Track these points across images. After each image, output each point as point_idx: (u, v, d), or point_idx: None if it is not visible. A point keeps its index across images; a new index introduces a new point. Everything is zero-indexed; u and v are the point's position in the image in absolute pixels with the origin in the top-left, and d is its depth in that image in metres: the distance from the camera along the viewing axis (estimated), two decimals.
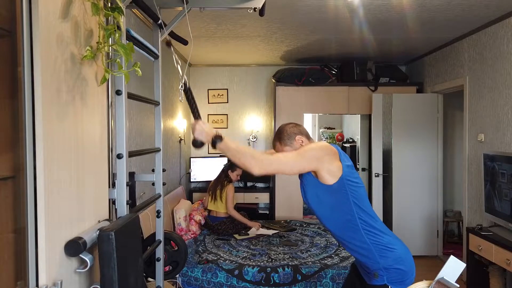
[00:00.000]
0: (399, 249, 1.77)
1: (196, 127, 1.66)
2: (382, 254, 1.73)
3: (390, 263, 1.73)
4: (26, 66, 0.98)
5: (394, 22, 3.61)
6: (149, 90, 2.31)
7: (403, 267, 1.75)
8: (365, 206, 1.76)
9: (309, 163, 1.71)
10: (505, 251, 2.89)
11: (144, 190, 3.26)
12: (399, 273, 1.74)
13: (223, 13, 3.40)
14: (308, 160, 1.71)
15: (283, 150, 1.88)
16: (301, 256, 3.49)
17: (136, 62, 1.35)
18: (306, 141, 1.88)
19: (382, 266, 1.72)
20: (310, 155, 1.72)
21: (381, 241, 1.74)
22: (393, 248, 1.75)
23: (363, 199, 1.77)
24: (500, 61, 3.49)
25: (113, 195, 1.45)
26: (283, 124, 1.96)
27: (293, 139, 1.87)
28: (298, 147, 1.85)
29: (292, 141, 1.87)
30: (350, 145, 6.53)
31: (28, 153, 0.99)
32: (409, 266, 1.78)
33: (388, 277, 1.73)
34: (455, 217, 5.22)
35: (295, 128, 1.91)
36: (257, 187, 5.68)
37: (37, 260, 1.01)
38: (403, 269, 1.75)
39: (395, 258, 1.73)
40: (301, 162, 1.70)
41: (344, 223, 1.78)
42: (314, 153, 1.72)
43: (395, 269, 1.72)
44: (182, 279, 3.19)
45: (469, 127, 4.05)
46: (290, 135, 1.88)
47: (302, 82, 5.10)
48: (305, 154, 1.72)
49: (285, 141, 1.88)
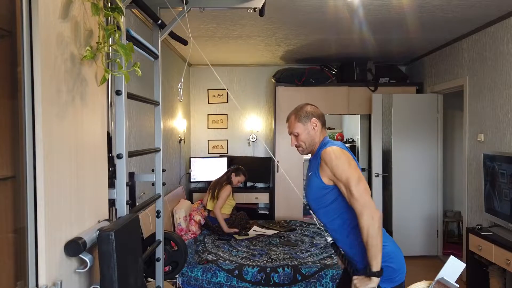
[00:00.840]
0: (389, 246, 1.79)
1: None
2: None
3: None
4: (26, 66, 0.98)
5: (394, 22, 3.61)
6: (149, 90, 2.32)
7: (392, 265, 1.77)
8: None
9: (357, 170, 1.78)
10: (505, 251, 2.89)
11: (144, 190, 3.26)
12: (389, 270, 1.76)
13: (223, 13, 3.39)
14: (358, 171, 1.77)
15: (295, 126, 1.94)
16: (301, 256, 3.49)
17: (136, 62, 1.35)
18: (320, 127, 1.94)
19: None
20: (354, 165, 1.78)
21: None
22: (383, 245, 1.76)
23: None
24: (500, 61, 3.49)
25: (113, 195, 1.45)
26: (305, 103, 2.02)
27: (309, 120, 1.93)
28: (310, 129, 1.92)
29: (308, 120, 1.92)
30: (350, 145, 6.53)
31: (28, 153, 0.99)
32: (399, 264, 1.80)
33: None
34: (455, 217, 5.22)
35: (315, 111, 1.96)
36: (257, 187, 5.68)
37: (37, 260, 1.01)
38: (393, 267, 1.77)
39: (385, 255, 1.73)
40: (361, 177, 1.75)
41: (335, 219, 1.84)
42: (354, 163, 1.79)
43: (384, 266, 1.73)
44: (182, 279, 3.19)
45: (469, 127, 4.05)
46: (308, 114, 1.93)
47: (302, 82, 5.10)
48: (354, 167, 1.77)
49: (301, 118, 1.93)
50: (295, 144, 1.97)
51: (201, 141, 5.90)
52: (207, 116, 5.85)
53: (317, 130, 1.93)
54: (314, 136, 1.93)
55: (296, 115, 1.95)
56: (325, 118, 2.00)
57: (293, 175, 5.12)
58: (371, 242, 1.64)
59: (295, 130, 1.94)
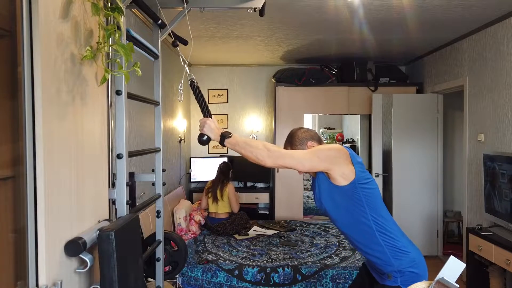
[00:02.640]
0: (413, 252, 1.76)
1: (207, 123, 1.71)
2: (397, 257, 1.72)
3: (404, 266, 1.73)
4: (26, 66, 0.98)
5: (394, 22, 3.61)
6: (149, 90, 2.31)
7: (417, 270, 1.74)
8: (379, 208, 1.75)
9: (320, 162, 1.69)
10: (505, 251, 2.89)
11: (144, 190, 3.26)
12: (413, 276, 1.73)
13: (223, 13, 3.39)
14: (321, 159, 1.68)
15: None
16: (301, 256, 3.49)
17: (136, 62, 1.35)
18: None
19: (396, 269, 1.72)
20: (323, 154, 1.70)
21: (395, 244, 1.73)
22: (408, 251, 1.75)
23: (377, 201, 1.75)
24: (500, 61, 3.49)
25: (113, 195, 1.44)
26: (294, 129, 1.94)
27: (305, 145, 1.86)
28: None
29: (304, 146, 1.85)
30: (350, 145, 6.53)
31: (28, 153, 0.99)
32: (422, 269, 1.77)
33: (402, 279, 1.72)
34: (455, 217, 5.22)
35: (307, 133, 1.89)
36: (257, 187, 5.68)
37: (37, 260, 1.01)
38: (417, 272, 1.74)
39: (409, 261, 1.72)
40: (313, 160, 1.68)
41: (358, 225, 1.76)
42: (328, 153, 1.71)
43: (409, 272, 1.72)
44: (182, 279, 3.19)
45: (469, 127, 4.05)
46: (301, 140, 1.87)
47: (302, 82, 5.10)
48: (319, 153, 1.70)
49: (296, 146, 1.87)
50: (303, 172, 1.88)
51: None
52: None
53: None
54: None
55: (292, 145, 1.88)
56: (318, 135, 1.93)
57: (293, 174, 5.12)
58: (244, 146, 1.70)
59: None
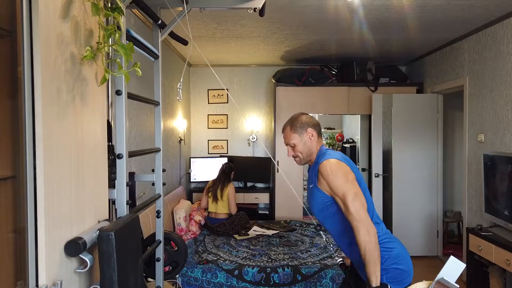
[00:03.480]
0: (397, 248, 1.79)
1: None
2: (381, 256, 1.74)
3: (388, 263, 1.76)
4: (26, 66, 0.98)
5: (394, 22, 3.61)
6: (149, 90, 2.32)
7: (401, 266, 1.77)
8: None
9: (355, 185, 1.76)
10: (505, 251, 2.89)
11: (144, 190, 3.26)
12: (398, 272, 1.76)
13: (223, 13, 3.40)
14: (354, 183, 1.76)
15: (291, 137, 1.91)
16: (301, 257, 3.49)
17: (136, 62, 1.35)
18: (316, 137, 1.91)
19: (381, 267, 1.73)
20: (351, 178, 1.76)
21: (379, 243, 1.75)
22: (392, 248, 1.78)
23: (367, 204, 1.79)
24: (500, 61, 3.49)
25: (113, 195, 1.45)
26: (299, 112, 1.98)
27: (305, 130, 1.90)
28: (307, 139, 1.89)
29: (303, 131, 1.90)
30: (350, 145, 6.53)
31: (28, 153, 0.99)
32: (407, 265, 1.80)
33: (387, 276, 1.75)
34: (455, 217, 5.22)
35: (310, 120, 1.93)
36: (257, 187, 5.68)
37: (37, 260, 1.01)
38: (402, 268, 1.77)
39: (393, 257, 1.75)
40: (356, 189, 1.74)
41: (344, 227, 1.81)
42: (351, 176, 1.77)
43: (394, 268, 1.74)
44: (182, 279, 3.19)
45: (469, 128, 4.05)
46: (303, 125, 1.91)
47: (302, 82, 5.10)
48: (352, 181, 1.75)
49: (296, 128, 1.91)
50: (292, 155, 1.95)
51: (201, 141, 5.90)
52: (207, 116, 5.85)
53: (313, 140, 1.90)
54: (311, 146, 1.90)
55: (292, 126, 1.92)
56: (320, 127, 1.97)
57: (293, 175, 5.12)
58: (369, 258, 1.64)
59: (291, 141, 1.91)
